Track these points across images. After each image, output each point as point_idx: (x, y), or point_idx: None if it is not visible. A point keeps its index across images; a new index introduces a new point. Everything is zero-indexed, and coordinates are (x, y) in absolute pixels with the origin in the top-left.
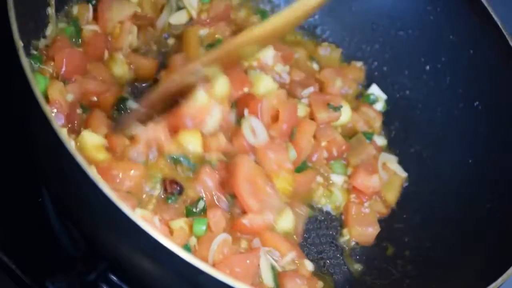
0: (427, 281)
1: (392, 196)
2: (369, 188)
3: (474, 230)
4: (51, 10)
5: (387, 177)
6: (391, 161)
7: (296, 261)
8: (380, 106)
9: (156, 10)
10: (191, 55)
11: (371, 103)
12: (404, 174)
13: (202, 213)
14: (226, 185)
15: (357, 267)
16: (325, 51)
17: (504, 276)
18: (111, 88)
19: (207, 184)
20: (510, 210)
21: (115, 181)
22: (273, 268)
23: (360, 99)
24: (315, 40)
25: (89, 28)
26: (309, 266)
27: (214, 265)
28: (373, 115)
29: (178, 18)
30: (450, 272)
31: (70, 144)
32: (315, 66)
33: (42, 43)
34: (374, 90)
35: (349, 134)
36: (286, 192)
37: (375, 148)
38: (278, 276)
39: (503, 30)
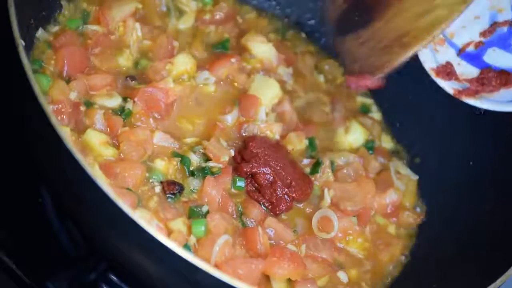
0: (427, 281)
1: (409, 201)
2: (388, 206)
3: (474, 230)
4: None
5: (404, 186)
6: (401, 167)
7: None
8: (377, 115)
9: (162, 17)
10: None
11: (365, 112)
12: (415, 177)
13: (205, 216)
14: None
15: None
16: (327, 67)
17: (503, 276)
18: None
19: (212, 194)
20: (510, 211)
21: (117, 179)
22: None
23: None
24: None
25: (91, 29)
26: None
27: (216, 266)
28: (370, 122)
29: (185, 23)
30: (450, 272)
31: (70, 141)
32: (321, 78)
33: (47, 35)
34: (361, 100)
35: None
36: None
37: (383, 155)
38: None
39: None
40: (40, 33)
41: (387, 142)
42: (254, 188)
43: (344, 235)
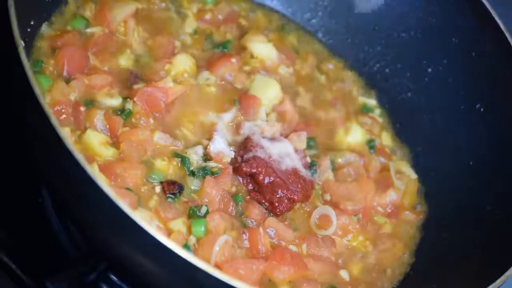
0: (427, 281)
1: (409, 201)
2: (388, 205)
3: (474, 230)
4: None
5: (404, 186)
6: (401, 167)
7: None
8: (377, 115)
9: (163, 17)
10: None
11: (367, 111)
12: (415, 177)
13: (204, 216)
14: None
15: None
16: (330, 65)
17: (503, 276)
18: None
19: (212, 194)
20: (510, 212)
21: (117, 179)
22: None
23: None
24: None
25: (92, 29)
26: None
27: (217, 266)
28: (370, 122)
29: (185, 22)
30: (450, 272)
31: (70, 142)
32: (322, 78)
33: (47, 35)
34: (362, 100)
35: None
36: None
37: (384, 155)
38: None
39: (505, 33)
40: (40, 32)
41: (387, 142)
42: (254, 188)
43: (344, 233)
